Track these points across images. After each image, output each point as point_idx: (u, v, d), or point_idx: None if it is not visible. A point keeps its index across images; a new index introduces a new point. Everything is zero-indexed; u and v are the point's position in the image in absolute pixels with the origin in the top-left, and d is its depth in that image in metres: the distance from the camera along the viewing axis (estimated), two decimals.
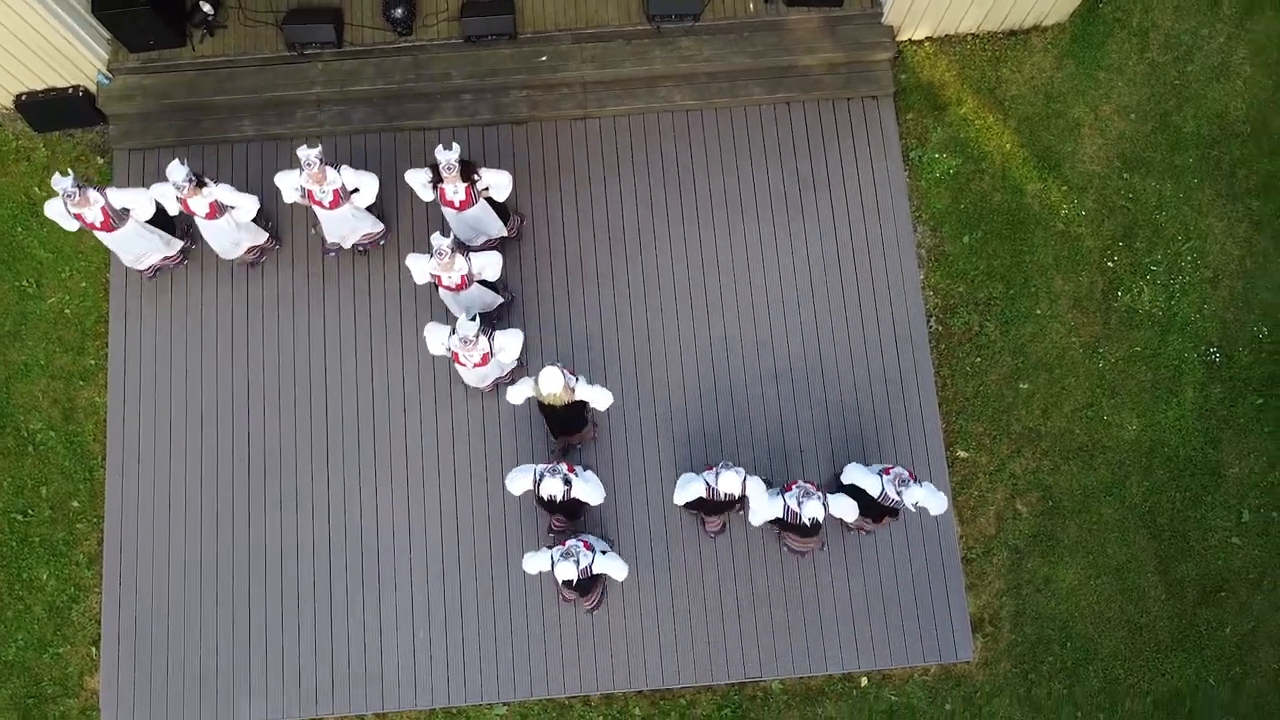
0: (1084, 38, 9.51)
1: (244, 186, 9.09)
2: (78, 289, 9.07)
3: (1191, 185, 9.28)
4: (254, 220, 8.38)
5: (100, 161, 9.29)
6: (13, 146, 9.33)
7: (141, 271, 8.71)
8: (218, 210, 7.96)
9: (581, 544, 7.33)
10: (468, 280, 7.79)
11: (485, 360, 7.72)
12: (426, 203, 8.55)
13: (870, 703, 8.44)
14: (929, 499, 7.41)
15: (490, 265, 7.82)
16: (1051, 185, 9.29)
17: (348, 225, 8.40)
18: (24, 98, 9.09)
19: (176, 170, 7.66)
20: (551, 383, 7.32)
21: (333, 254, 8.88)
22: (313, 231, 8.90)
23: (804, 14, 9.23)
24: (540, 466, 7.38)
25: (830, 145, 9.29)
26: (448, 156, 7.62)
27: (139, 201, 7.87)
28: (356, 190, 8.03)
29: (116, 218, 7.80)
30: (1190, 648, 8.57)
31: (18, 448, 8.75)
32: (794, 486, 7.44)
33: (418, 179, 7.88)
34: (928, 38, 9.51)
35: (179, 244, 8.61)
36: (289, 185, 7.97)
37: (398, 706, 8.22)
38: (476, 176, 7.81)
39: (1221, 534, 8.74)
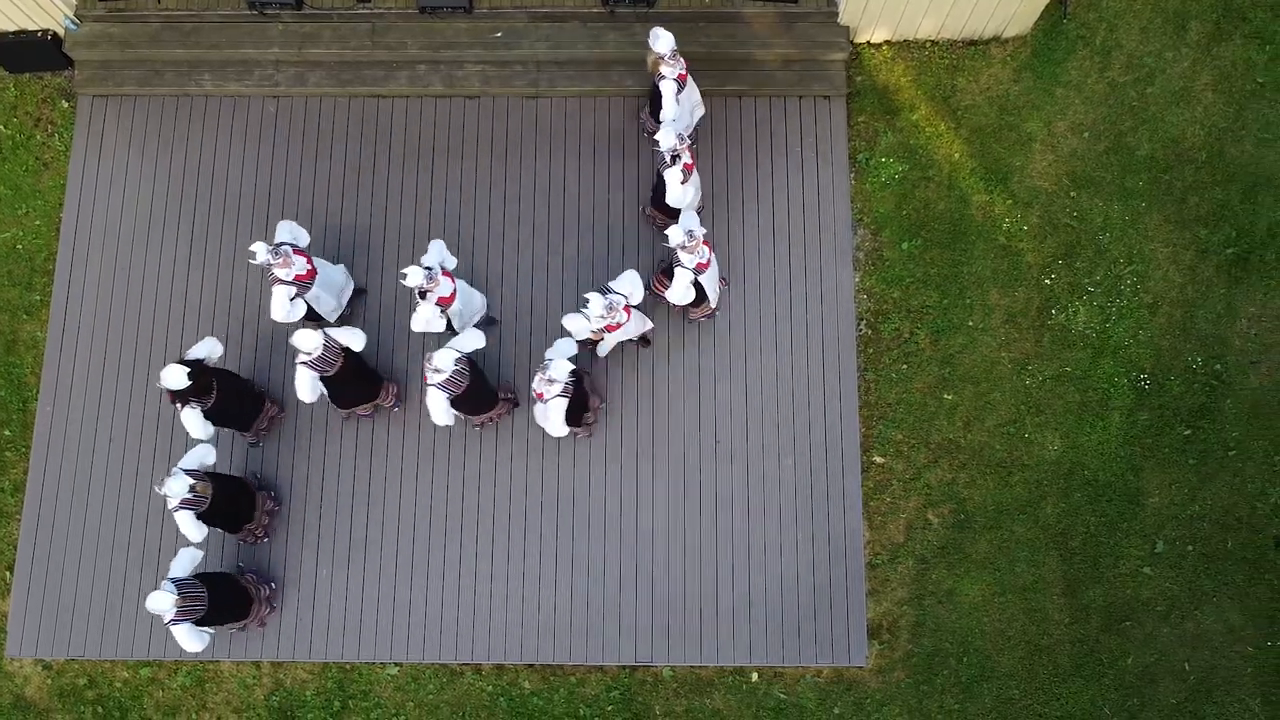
0: (1045, 52, 9.38)
1: (199, 140, 9.36)
2: (32, 226, 9.34)
3: (1140, 209, 9.13)
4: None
5: (65, 105, 9.53)
6: None
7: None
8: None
9: None
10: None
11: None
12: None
13: (759, 698, 8.44)
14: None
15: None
16: (997, 198, 9.19)
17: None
18: None
19: (261, 248, 7.57)
20: None
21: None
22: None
23: (759, 8, 9.21)
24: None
25: (778, 142, 9.27)
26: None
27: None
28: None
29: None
30: (1089, 675, 8.46)
31: None
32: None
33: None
34: (886, 41, 9.44)
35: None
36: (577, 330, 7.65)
37: (291, 657, 8.37)
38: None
39: (1134, 563, 8.61)
